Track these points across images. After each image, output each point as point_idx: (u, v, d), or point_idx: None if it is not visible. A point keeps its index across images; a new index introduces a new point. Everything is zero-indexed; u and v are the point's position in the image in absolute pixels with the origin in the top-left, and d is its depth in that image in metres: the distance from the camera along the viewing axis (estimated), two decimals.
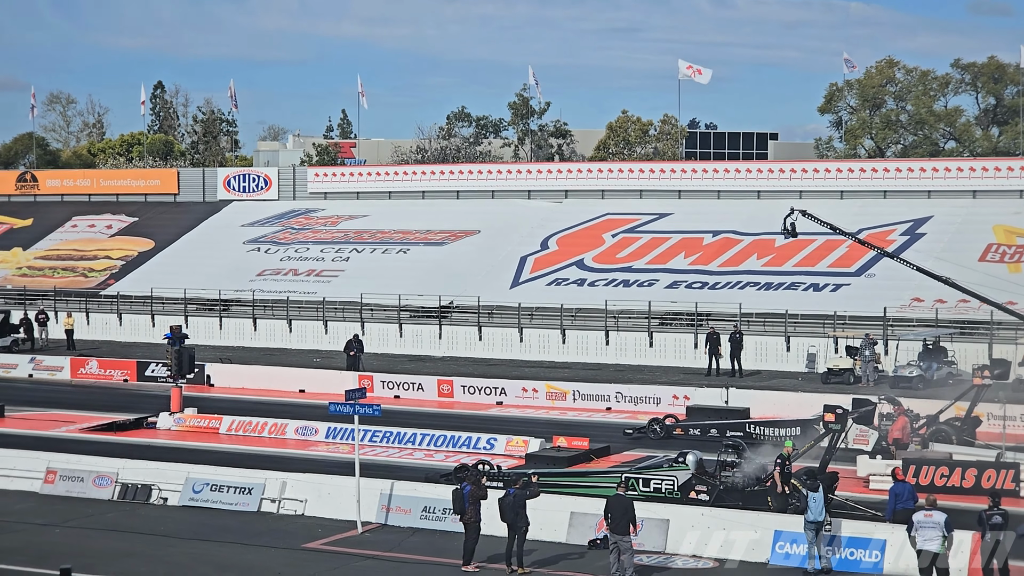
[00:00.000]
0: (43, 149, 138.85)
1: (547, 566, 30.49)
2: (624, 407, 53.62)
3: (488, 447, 45.00)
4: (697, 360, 63.87)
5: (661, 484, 35.86)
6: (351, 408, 34.84)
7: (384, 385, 58.22)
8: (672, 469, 36.25)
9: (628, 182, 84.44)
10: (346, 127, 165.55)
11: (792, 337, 63.41)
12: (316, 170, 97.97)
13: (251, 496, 36.99)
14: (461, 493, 30.61)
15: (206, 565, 31.13)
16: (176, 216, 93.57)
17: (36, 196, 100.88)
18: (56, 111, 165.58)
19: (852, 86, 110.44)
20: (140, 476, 38.80)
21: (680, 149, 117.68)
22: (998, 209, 71.75)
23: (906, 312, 61.63)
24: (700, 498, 35.17)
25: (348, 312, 74.35)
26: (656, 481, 35.96)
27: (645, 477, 36.25)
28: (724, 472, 35.61)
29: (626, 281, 72.15)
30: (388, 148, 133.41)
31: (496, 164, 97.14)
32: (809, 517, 29.79)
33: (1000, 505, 28.26)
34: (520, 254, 77.84)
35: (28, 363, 67.48)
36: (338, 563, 31.32)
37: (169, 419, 50.88)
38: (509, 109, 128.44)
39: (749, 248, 72.56)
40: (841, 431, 34.79)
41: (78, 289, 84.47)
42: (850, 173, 79.02)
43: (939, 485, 36.44)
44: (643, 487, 35.78)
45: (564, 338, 68.62)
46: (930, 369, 55.93)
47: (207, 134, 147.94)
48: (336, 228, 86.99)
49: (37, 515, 36.71)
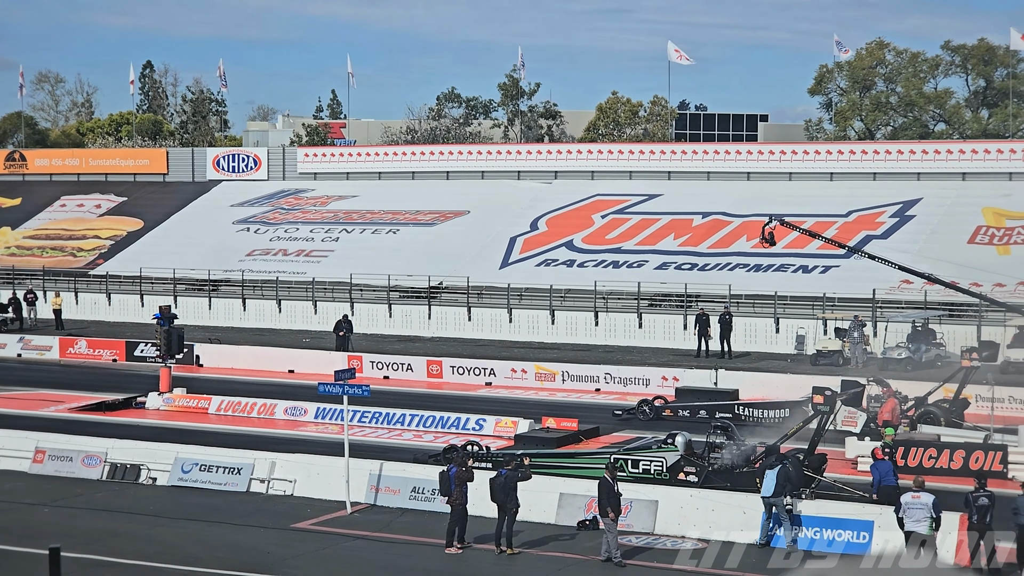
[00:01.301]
0: (31, 128, 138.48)
1: (536, 547, 30.54)
2: (613, 388, 53.66)
3: (477, 428, 45.03)
4: (686, 341, 63.94)
5: (650, 465, 35.95)
6: (340, 389, 34.89)
7: (373, 365, 58.23)
8: (661, 450, 36.30)
9: (618, 163, 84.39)
10: (336, 108, 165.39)
11: (781, 319, 63.49)
12: (306, 150, 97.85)
13: (240, 476, 37.00)
14: (447, 475, 30.66)
15: (195, 545, 31.14)
16: (165, 196, 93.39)
17: (24, 175, 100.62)
18: (44, 90, 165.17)
19: (842, 68, 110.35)
20: (129, 456, 38.80)
21: (670, 130, 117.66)
22: (987, 191, 71.82)
23: (895, 294, 61.69)
24: (689, 479, 35.25)
25: (337, 292, 74.31)
26: (645, 462, 36.05)
27: (634, 458, 36.32)
28: (713, 454, 35.71)
29: (615, 262, 72.15)
30: (378, 129, 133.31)
31: (486, 145, 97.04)
32: (761, 493, 30.42)
33: (987, 487, 28.36)
34: (510, 235, 77.82)
35: (17, 343, 67.36)
36: (327, 543, 31.35)
37: (158, 399, 50.86)
38: (499, 90, 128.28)
39: (738, 230, 72.58)
40: (830, 413, 34.87)
41: (67, 269, 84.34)
42: (840, 155, 79.00)
43: (927, 467, 36.53)
44: (632, 468, 35.89)
45: (553, 319, 68.64)
46: (919, 351, 56.03)
47: (196, 114, 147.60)
48: (326, 208, 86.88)
49: (26, 495, 36.71)
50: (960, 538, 28.54)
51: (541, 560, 29.73)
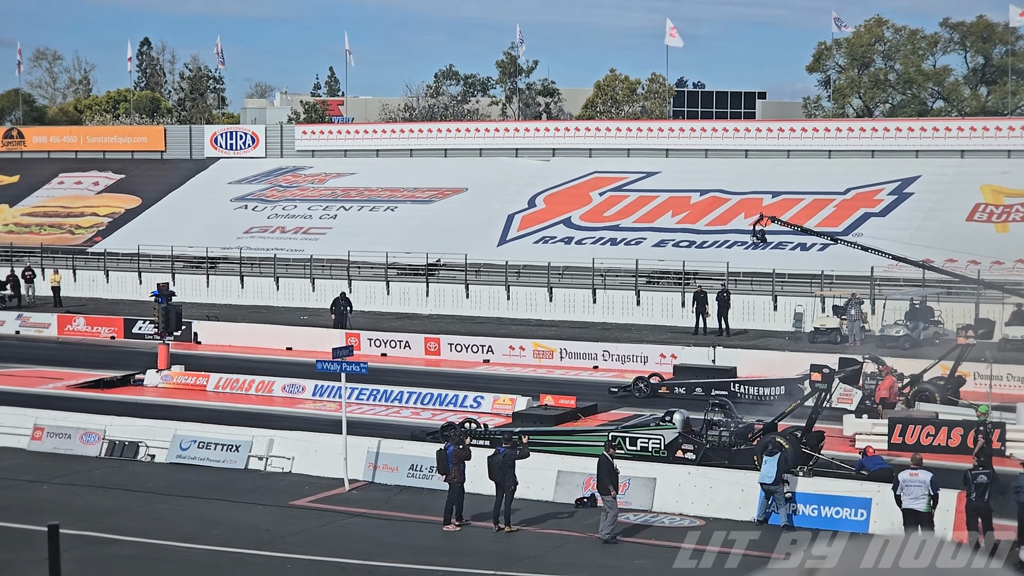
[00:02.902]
0: (29, 106, 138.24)
1: (534, 525, 30.59)
2: (611, 366, 53.67)
3: (475, 405, 45.07)
4: (684, 319, 63.91)
5: (648, 443, 35.94)
6: (338, 366, 34.89)
7: (371, 343, 58.23)
8: (659, 428, 36.33)
9: (616, 141, 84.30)
10: (333, 85, 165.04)
11: (779, 296, 63.45)
12: (304, 128, 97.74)
13: (238, 453, 37.05)
14: (445, 453, 30.70)
15: (193, 522, 31.18)
16: (163, 173, 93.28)
17: (22, 153, 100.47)
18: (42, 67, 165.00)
19: (841, 45, 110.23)
20: (127, 433, 38.84)
21: (668, 108, 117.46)
22: (986, 169, 71.73)
23: (893, 272, 61.58)
24: (687, 457, 35.27)
25: (335, 270, 74.26)
26: (643, 440, 36.05)
27: (632, 436, 36.32)
28: (711, 431, 35.74)
29: (613, 240, 72.09)
30: (376, 106, 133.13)
31: (484, 122, 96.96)
32: (759, 478, 30.56)
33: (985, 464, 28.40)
34: (507, 212, 77.74)
35: (15, 320, 67.35)
36: (325, 520, 31.39)
37: (156, 376, 50.88)
38: (497, 68, 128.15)
39: (736, 207, 72.49)
40: (828, 390, 34.95)
41: (65, 246, 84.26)
42: (838, 132, 78.93)
43: (925, 444, 36.57)
44: (630, 446, 35.84)
45: (551, 296, 68.62)
46: (916, 328, 56.02)
47: (194, 91, 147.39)
48: (324, 186, 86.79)
49: (24, 472, 36.75)
50: (958, 515, 28.58)
51: (539, 537, 29.78)
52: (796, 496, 30.45)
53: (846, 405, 42.00)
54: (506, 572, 26.93)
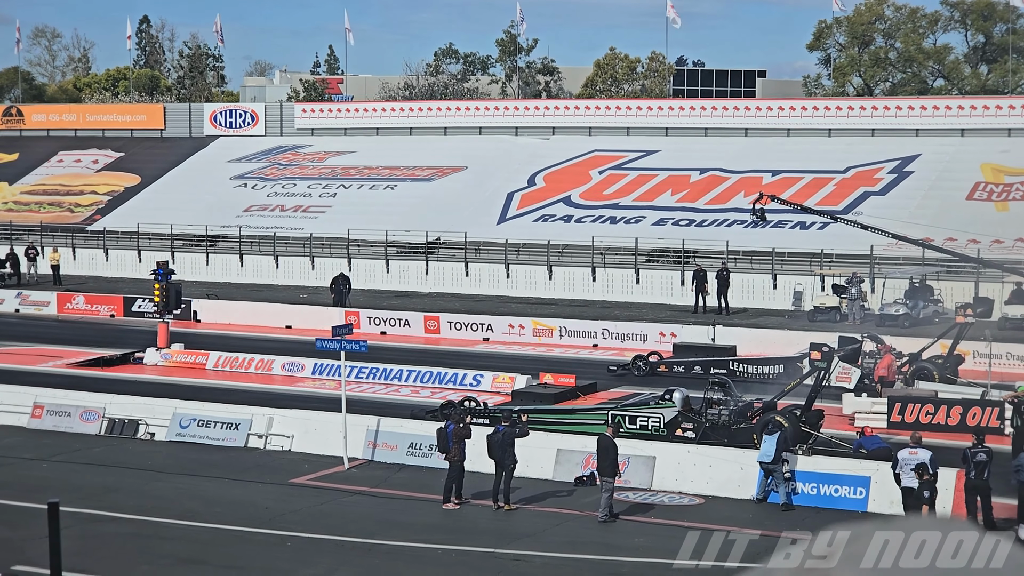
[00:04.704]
0: (28, 83, 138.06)
1: (533, 503, 30.61)
2: (611, 344, 53.65)
3: (474, 384, 45.05)
4: (684, 297, 63.91)
5: (647, 421, 35.87)
6: (338, 344, 34.89)
7: (371, 321, 58.25)
8: (658, 407, 36.22)
9: (615, 119, 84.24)
10: (333, 63, 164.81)
11: (779, 275, 63.42)
12: (303, 106, 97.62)
13: (238, 431, 37.08)
14: (445, 432, 30.72)
15: (193, 500, 31.21)
16: (162, 151, 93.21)
17: (22, 131, 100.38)
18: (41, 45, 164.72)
19: (841, 23, 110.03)
20: (127, 411, 38.87)
21: (667, 87, 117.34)
22: (986, 147, 71.64)
23: (893, 250, 61.54)
24: (686, 436, 35.21)
25: (335, 248, 74.25)
26: (642, 418, 35.96)
27: (631, 415, 36.26)
28: (710, 410, 35.71)
29: (613, 218, 72.07)
30: (376, 84, 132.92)
31: (483, 101, 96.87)
32: (757, 457, 30.57)
33: (985, 443, 28.41)
34: (507, 190, 77.70)
35: (15, 298, 67.35)
36: (325, 498, 31.42)
37: (156, 355, 50.90)
38: (497, 46, 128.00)
39: (736, 186, 72.45)
40: (827, 369, 35.01)
41: (64, 224, 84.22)
42: (838, 111, 78.86)
43: (924, 423, 36.58)
44: (629, 424, 35.76)
45: (551, 274, 68.60)
46: (916, 307, 56.03)
47: (193, 69, 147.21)
48: (323, 164, 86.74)
49: (24, 449, 36.79)
50: (957, 494, 28.60)
51: (538, 516, 29.80)
52: (795, 475, 30.46)
53: (845, 384, 41.99)
54: (506, 550, 26.96)
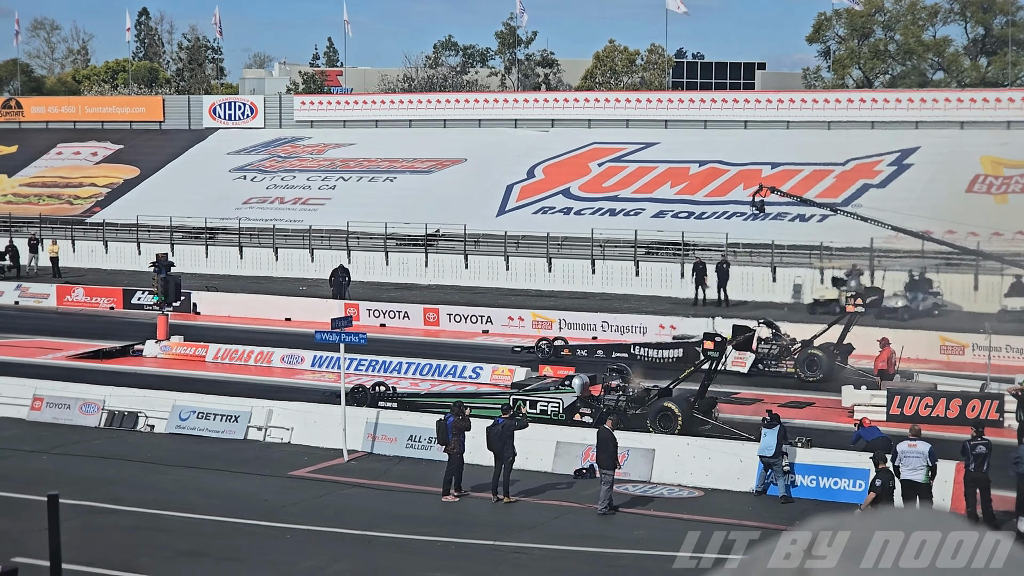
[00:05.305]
0: (27, 76, 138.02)
1: (533, 495, 30.61)
2: (610, 336, 53.60)
3: (474, 376, 45.06)
4: (683, 290, 63.91)
5: (547, 406, 36.60)
6: (337, 336, 34.89)
7: (370, 313, 58.22)
8: (558, 392, 37.17)
9: (614, 112, 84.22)
10: (332, 56, 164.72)
11: (778, 267, 63.40)
12: (302, 98, 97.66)
13: (238, 424, 37.06)
14: (444, 424, 30.71)
15: (193, 492, 31.20)
16: (162, 144, 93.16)
17: (21, 123, 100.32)
18: (40, 37, 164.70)
19: (841, 16, 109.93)
20: (127, 404, 38.86)
21: (667, 79, 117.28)
22: (986, 140, 71.62)
23: (892, 243, 61.56)
24: (584, 420, 35.85)
25: (334, 240, 74.22)
26: (543, 403, 36.75)
27: (533, 399, 37.10)
28: (608, 395, 36.53)
29: (612, 210, 72.06)
30: (375, 77, 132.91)
31: (483, 93, 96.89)
32: (758, 451, 30.56)
33: (984, 435, 28.42)
34: (506, 183, 77.70)
35: (14, 290, 67.31)
36: (324, 491, 31.42)
37: (155, 347, 50.87)
38: (496, 38, 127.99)
39: (735, 178, 72.44)
40: (719, 358, 36.19)
41: (63, 216, 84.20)
42: (837, 103, 78.83)
43: (923, 415, 36.58)
44: (531, 409, 36.40)
45: (550, 267, 68.60)
46: (916, 299, 56.08)
47: (192, 61, 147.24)
48: (322, 156, 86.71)
49: (24, 442, 36.77)
50: (957, 486, 28.60)
51: (537, 508, 29.80)
52: (795, 467, 30.47)
53: (739, 368, 43.82)
54: (505, 543, 26.96)
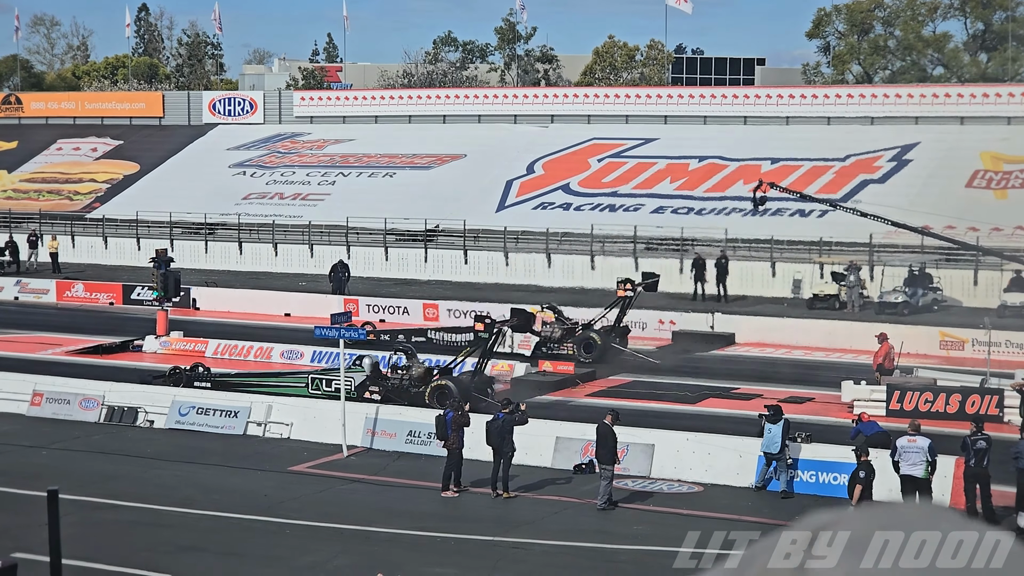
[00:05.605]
0: (27, 71, 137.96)
1: (532, 490, 30.62)
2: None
3: None
4: (683, 285, 63.82)
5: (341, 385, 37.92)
6: (336, 332, 34.90)
7: (369, 309, 58.21)
8: (350, 371, 39.11)
9: (614, 107, 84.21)
10: (332, 51, 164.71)
11: (778, 263, 63.34)
12: (302, 94, 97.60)
13: (237, 419, 37.08)
14: (444, 419, 30.70)
15: (192, 487, 31.22)
16: (161, 139, 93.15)
17: (20, 119, 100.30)
18: (40, 33, 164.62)
19: (840, 11, 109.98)
20: (126, 399, 38.89)
21: (666, 74, 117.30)
22: (985, 135, 71.57)
23: (892, 238, 61.52)
24: (373, 398, 38.46)
25: (334, 236, 74.19)
26: (337, 382, 38.30)
27: (327, 378, 39.75)
28: (394, 374, 39.45)
29: (612, 206, 72.04)
30: (375, 72, 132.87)
31: (482, 89, 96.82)
32: (762, 447, 30.48)
33: (984, 430, 28.42)
34: (506, 178, 77.66)
35: (14, 286, 67.32)
36: (324, 486, 31.44)
37: (155, 342, 50.89)
38: (496, 34, 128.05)
39: (735, 174, 72.39)
40: (491, 339, 38.81)
41: (63, 212, 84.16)
42: (837, 99, 78.81)
43: (923, 411, 36.57)
44: (326, 387, 39.19)
45: (550, 262, 68.57)
46: (915, 295, 56.08)
47: (192, 57, 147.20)
48: (322, 152, 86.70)
49: (24, 437, 36.78)
50: (956, 481, 28.59)
51: (537, 503, 29.82)
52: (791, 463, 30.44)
53: (525, 351, 47.61)
54: (504, 538, 26.98)
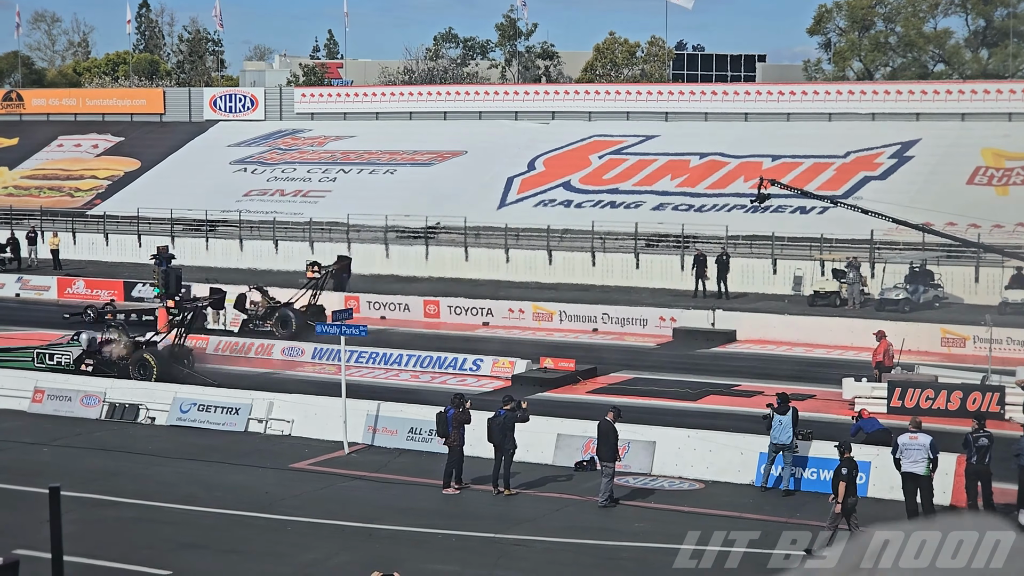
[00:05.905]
0: (28, 68, 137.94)
1: (533, 488, 30.61)
2: (611, 328, 53.67)
3: (474, 368, 45.09)
4: (684, 282, 63.87)
5: (61, 358, 43.00)
6: (337, 329, 34.90)
7: (370, 306, 58.20)
8: (69, 346, 43.24)
9: (615, 104, 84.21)
10: (333, 48, 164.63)
11: (779, 260, 63.39)
12: (303, 90, 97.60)
13: (238, 416, 37.09)
14: (445, 416, 30.70)
15: (193, 484, 31.22)
16: (162, 136, 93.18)
17: (22, 115, 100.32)
18: (41, 30, 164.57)
19: (841, 7, 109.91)
20: (127, 396, 38.91)
21: (667, 71, 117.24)
22: (987, 132, 71.58)
23: (893, 235, 61.53)
24: (88, 370, 41.99)
25: (335, 233, 74.22)
26: (57, 355, 43.01)
27: (50, 352, 43.32)
28: (106, 347, 42.51)
29: (613, 203, 72.04)
30: (375, 69, 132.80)
31: (483, 85, 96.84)
32: (772, 439, 30.32)
33: (985, 427, 28.41)
34: (507, 175, 77.66)
35: (15, 283, 67.37)
36: (325, 483, 31.43)
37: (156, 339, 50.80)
38: (496, 31, 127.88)
39: (736, 170, 72.40)
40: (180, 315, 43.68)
41: (64, 209, 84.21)
42: (838, 95, 78.80)
43: (924, 408, 36.58)
44: (49, 361, 42.90)
45: (551, 259, 68.59)
46: (916, 291, 56.10)
47: (193, 54, 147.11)
48: (323, 149, 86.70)
49: (25, 434, 36.81)
50: (958, 479, 28.59)
51: (538, 500, 29.80)
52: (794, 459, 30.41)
53: (234, 328, 52.45)
54: (506, 535, 26.97)
